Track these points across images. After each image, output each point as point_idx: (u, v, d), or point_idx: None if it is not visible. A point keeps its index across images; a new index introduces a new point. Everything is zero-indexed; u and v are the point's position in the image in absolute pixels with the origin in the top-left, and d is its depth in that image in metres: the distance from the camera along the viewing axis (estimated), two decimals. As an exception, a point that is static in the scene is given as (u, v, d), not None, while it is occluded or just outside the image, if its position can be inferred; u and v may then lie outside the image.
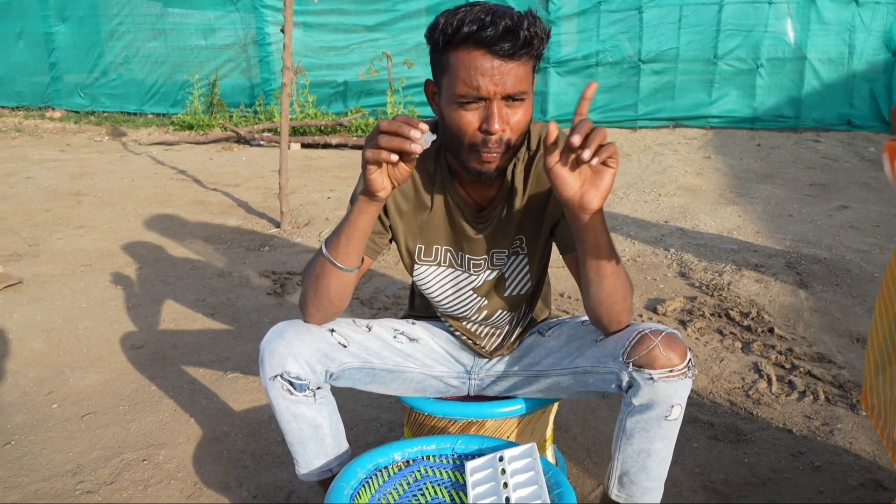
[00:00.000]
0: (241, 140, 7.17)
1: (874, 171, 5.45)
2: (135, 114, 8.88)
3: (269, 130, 7.17)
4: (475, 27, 1.10)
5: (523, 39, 1.11)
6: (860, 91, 6.71)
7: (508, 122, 1.17)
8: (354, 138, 6.92)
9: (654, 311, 2.83)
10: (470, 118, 1.17)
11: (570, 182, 1.11)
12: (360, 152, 6.79)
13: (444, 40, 1.14)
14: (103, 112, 9.02)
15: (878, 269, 3.21)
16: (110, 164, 6.20)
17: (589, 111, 1.10)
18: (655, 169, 5.62)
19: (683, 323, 2.71)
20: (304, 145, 6.94)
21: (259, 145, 7.10)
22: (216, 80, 8.24)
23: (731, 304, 2.87)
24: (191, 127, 7.85)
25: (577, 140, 1.04)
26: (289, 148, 4.22)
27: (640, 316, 2.80)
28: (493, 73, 1.12)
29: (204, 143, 7.23)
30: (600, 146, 1.05)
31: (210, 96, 8.19)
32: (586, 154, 1.04)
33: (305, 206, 4.63)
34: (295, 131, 7.09)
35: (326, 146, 6.94)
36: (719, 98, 7.02)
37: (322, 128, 7.21)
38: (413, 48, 7.62)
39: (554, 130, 1.09)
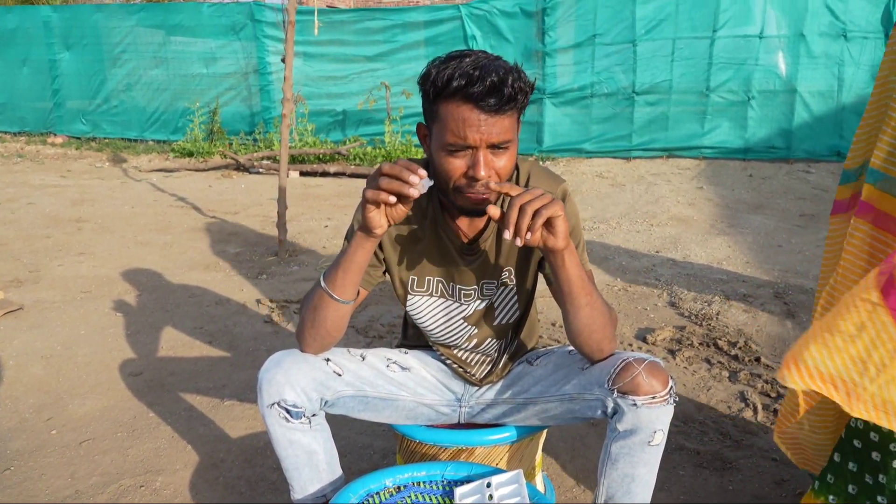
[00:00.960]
0: (240, 167, 7.25)
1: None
2: (135, 140, 8.98)
3: (269, 158, 7.26)
4: (463, 82, 1.17)
5: (507, 96, 1.19)
6: (849, 123, 6.82)
7: (493, 167, 1.25)
8: (352, 167, 7.01)
9: (644, 340, 2.89)
10: (458, 164, 1.24)
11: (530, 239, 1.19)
12: (357, 181, 6.90)
13: (435, 92, 1.22)
14: (104, 138, 9.11)
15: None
16: (111, 190, 6.27)
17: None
18: (648, 199, 5.70)
19: (672, 352, 2.76)
20: (302, 173, 7.03)
21: (258, 173, 7.18)
22: (217, 107, 8.35)
23: (720, 333, 2.92)
24: (191, 154, 7.94)
25: (508, 236, 1.16)
26: (287, 176, 4.29)
27: (630, 345, 2.85)
28: (479, 125, 1.20)
29: (203, 170, 7.32)
30: (535, 214, 1.14)
31: (210, 124, 8.30)
32: (518, 242, 1.16)
33: (303, 234, 4.69)
34: (294, 159, 7.18)
35: (325, 174, 7.02)
36: (712, 129, 7.14)
37: (320, 156, 7.30)
38: (411, 78, 7.74)
39: (495, 213, 1.19)
